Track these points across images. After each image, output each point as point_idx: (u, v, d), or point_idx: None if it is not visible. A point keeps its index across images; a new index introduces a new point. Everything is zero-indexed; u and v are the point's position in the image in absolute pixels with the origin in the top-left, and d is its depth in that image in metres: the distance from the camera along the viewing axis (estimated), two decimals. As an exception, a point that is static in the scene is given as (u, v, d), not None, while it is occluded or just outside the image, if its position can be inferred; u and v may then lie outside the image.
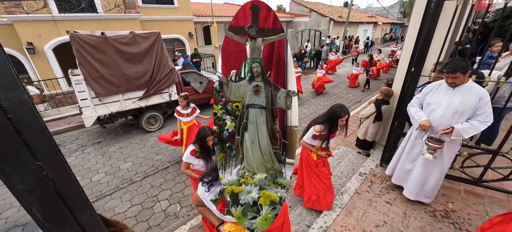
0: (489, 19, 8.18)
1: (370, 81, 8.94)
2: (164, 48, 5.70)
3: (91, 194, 3.83)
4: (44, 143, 0.36)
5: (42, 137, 0.35)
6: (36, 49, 7.29)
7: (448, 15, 2.39)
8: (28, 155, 0.33)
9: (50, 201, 0.36)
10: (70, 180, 0.40)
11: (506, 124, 3.99)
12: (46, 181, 0.36)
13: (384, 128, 3.69)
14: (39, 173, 0.35)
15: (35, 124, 0.34)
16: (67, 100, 7.87)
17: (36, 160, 0.34)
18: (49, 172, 0.36)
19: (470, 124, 2.03)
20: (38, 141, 0.35)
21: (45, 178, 0.36)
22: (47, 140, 0.36)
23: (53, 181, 0.37)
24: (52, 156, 0.37)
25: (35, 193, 0.34)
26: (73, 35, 4.52)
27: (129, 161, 4.73)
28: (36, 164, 0.34)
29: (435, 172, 2.39)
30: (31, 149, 0.34)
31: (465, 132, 2.03)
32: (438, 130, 2.19)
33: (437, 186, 2.49)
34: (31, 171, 0.34)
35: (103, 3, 8.00)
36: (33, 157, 0.34)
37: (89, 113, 5.08)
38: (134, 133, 6.03)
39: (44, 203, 0.36)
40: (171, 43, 11.23)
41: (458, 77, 2.00)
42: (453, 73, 2.00)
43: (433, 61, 2.77)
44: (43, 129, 0.36)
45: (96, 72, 4.85)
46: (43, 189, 0.35)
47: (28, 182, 0.34)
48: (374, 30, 25.60)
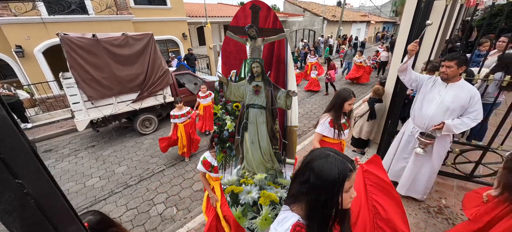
0: (478, 17, 8.36)
1: (328, 85, 8.44)
2: (158, 50, 5.63)
3: (86, 199, 3.76)
4: (24, 159, 0.34)
5: (22, 153, 0.34)
6: (26, 52, 7.12)
7: (438, 14, 2.43)
8: (7, 174, 0.32)
9: (32, 219, 0.35)
10: (54, 195, 0.39)
11: (496, 119, 4.10)
12: (28, 199, 0.34)
13: (378, 126, 3.73)
14: (19, 192, 0.33)
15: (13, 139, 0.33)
16: (59, 103, 7.71)
17: (16, 179, 0.33)
18: (30, 190, 0.35)
19: (461, 120, 2.07)
20: (17, 158, 0.33)
21: (27, 196, 0.34)
22: (27, 155, 0.35)
23: (35, 198, 0.35)
24: (34, 172, 0.36)
25: (15, 213, 0.33)
26: (63, 37, 4.42)
27: (123, 165, 4.66)
28: (16, 182, 0.33)
29: (425, 169, 2.43)
30: (10, 167, 0.32)
31: (456, 128, 2.07)
32: (430, 126, 2.24)
33: (428, 184, 2.52)
34: (10, 191, 0.33)
35: (94, 5, 7.86)
36: (13, 175, 0.32)
37: (82, 116, 4.98)
38: (128, 136, 5.95)
39: (26, 222, 0.35)
40: (164, 44, 11.11)
41: (452, 67, 2.03)
42: (450, 60, 2.04)
43: (424, 60, 2.81)
44: (22, 144, 0.34)
45: (88, 75, 4.76)
46: (24, 208, 0.34)
47: (8, 202, 0.32)
48: (367, 29, 25.89)
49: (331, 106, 2.24)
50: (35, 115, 7.10)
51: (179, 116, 4.12)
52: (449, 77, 2.10)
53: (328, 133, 2.20)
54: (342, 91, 2.23)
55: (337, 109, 2.18)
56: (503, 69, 2.69)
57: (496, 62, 2.91)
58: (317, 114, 6.73)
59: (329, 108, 2.26)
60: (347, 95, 2.15)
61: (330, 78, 8.16)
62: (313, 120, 6.29)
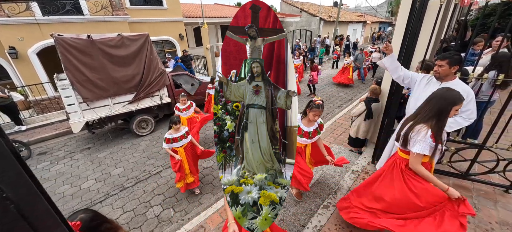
0: (472, 17, 8.46)
1: (311, 87, 8.22)
2: (154, 50, 5.60)
3: (81, 202, 3.71)
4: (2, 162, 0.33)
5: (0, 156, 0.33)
6: (19, 54, 7.01)
7: (433, 13, 2.45)
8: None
9: (11, 224, 0.34)
10: (36, 199, 0.37)
11: (490, 118, 4.14)
12: (7, 204, 0.33)
13: (375, 125, 3.75)
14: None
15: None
16: (54, 105, 7.61)
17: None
18: (9, 194, 0.33)
19: (454, 119, 2.08)
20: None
21: (6, 200, 0.33)
22: (6, 158, 0.34)
23: (15, 202, 0.34)
24: (13, 176, 0.34)
25: (-8, 219, 0.31)
26: (57, 38, 4.37)
27: (120, 167, 4.61)
28: (-7, 187, 0.32)
29: None
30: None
31: (448, 126, 2.08)
32: None
33: None
34: (-13, 196, 0.31)
35: (89, 5, 7.78)
36: (-11, 180, 0.31)
37: (77, 118, 4.92)
38: (124, 138, 5.89)
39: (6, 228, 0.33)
40: (161, 45, 11.05)
41: (443, 66, 2.05)
42: (441, 60, 2.06)
43: (419, 59, 2.83)
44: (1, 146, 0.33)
45: (83, 76, 4.71)
46: (3, 213, 0.32)
47: (-15, 208, 0.31)
48: (363, 29, 26.06)
49: (432, 113, 1.68)
50: (29, 117, 7.00)
51: (177, 139, 3.17)
52: (441, 76, 2.12)
53: (430, 151, 1.68)
54: (447, 93, 1.66)
55: (442, 117, 1.66)
56: (496, 67, 2.72)
57: (490, 61, 2.94)
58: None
59: (429, 116, 1.69)
60: (456, 98, 1.62)
61: (312, 80, 7.89)
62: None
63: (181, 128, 3.23)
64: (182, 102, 4.51)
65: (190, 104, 4.64)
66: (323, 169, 3.67)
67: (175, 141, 3.15)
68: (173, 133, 3.16)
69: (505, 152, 2.45)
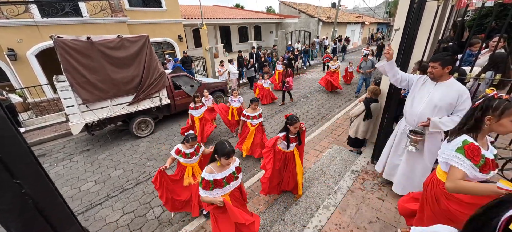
0: (469, 17, 8.54)
1: (286, 94, 7.64)
2: (153, 52, 5.61)
3: (81, 204, 3.71)
4: (22, 159, 0.34)
5: (20, 154, 0.34)
6: (18, 56, 6.99)
7: (430, 14, 2.48)
8: (6, 174, 0.32)
9: (30, 219, 0.35)
10: (52, 196, 0.39)
11: (488, 117, 4.17)
12: (26, 199, 0.34)
13: (374, 125, 3.78)
14: (17, 191, 0.33)
15: (12, 141, 0.33)
16: (53, 107, 7.58)
17: (14, 178, 0.33)
18: (28, 190, 0.35)
19: (450, 118, 2.11)
20: (16, 158, 0.33)
21: (25, 196, 0.34)
22: (25, 156, 0.35)
23: (33, 198, 0.35)
24: (32, 173, 0.36)
25: (14, 213, 0.33)
26: (57, 40, 4.37)
27: (119, 168, 4.61)
28: (14, 182, 0.33)
29: (418, 167, 2.46)
30: (8, 167, 0.32)
31: (443, 124, 2.10)
32: (419, 123, 2.28)
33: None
34: (9, 190, 0.33)
35: (88, 7, 7.78)
36: (11, 175, 0.32)
37: (76, 120, 4.91)
38: (124, 139, 5.89)
39: (24, 222, 0.34)
40: (160, 47, 11.05)
41: (436, 67, 2.08)
42: (433, 62, 2.09)
43: (417, 59, 2.86)
44: (21, 145, 0.34)
45: (83, 78, 4.70)
46: (22, 207, 0.34)
47: (6, 202, 0.32)
48: (361, 30, 26.20)
49: (471, 124, 1.45)
50: (28, 119, 6.97)
51: (187, 154, 2.91)
52: (436, 76, 2.15)
53: None
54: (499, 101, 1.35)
55: (479, 123, 1.43)
56: (493, 68, 2.75)
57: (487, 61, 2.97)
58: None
59: (470, 126, 1.46)
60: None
61: (288, 87, 7.35)
62: (310, 121, 6.25)
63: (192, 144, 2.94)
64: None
65: (202, 104, 5.04)
66: (323, 169, 3.70)
67: (184, 156, 2.91)
68: (184, 148, 2.91)
69: (503, 151, 2.48)
